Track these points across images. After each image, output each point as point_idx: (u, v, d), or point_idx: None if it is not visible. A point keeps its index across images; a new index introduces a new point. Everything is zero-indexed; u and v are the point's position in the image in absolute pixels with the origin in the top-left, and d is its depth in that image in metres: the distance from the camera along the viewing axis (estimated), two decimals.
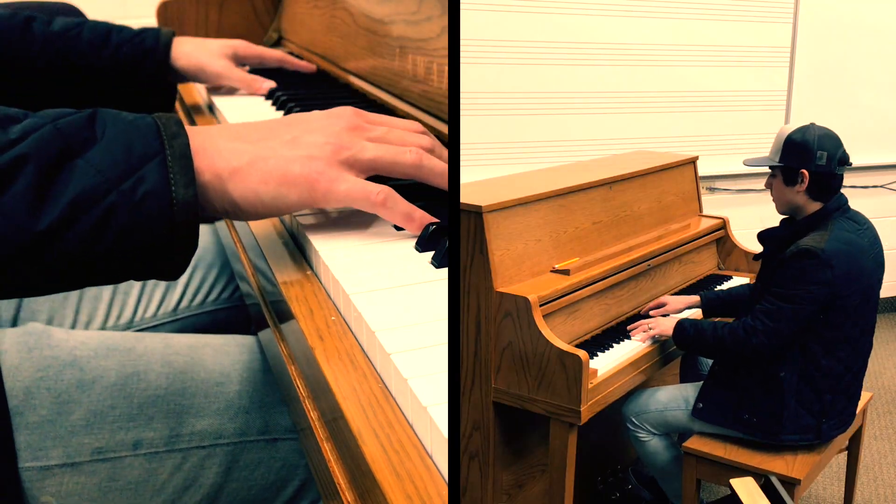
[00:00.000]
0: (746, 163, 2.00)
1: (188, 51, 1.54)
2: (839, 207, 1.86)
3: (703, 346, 1.88)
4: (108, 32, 1.47)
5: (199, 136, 0.83)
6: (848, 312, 1.80)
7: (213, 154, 0.83)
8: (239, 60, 1.66)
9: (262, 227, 1.08)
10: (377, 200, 0.88)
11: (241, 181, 0.84)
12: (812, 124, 1.87)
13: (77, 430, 1.02)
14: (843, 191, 1.90)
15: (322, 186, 0.86)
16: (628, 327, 1.97)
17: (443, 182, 0.94)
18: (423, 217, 0.91)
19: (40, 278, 0.75)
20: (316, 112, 0.96)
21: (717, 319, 2.00)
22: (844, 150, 1.86)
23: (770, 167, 1.90)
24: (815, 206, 1.86)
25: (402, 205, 0.90)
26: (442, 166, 0.94)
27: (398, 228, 0.98)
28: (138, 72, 1.46)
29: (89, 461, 1.02)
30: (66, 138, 0.74)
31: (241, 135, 0.88)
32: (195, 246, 0.79)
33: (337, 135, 0.90)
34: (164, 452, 1.06)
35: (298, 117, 0.94)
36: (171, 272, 0.81)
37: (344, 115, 0.94)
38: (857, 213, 1.91)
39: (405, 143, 0.95)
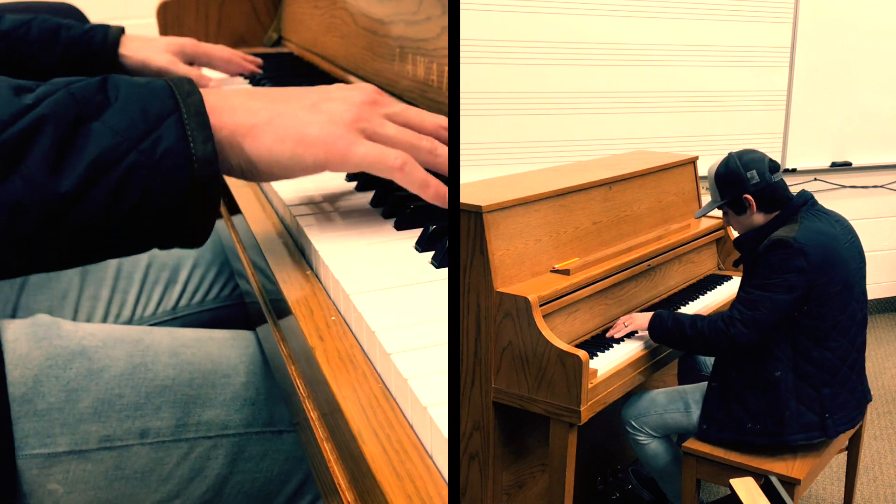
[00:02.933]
0: (696, 215, 2.10)
1: (134, 47, 1.55)
2: (805, 202, 1.89)
3: (681, 338, 1.86)
4: (57, 30, 1.48)
5: (212, 96, 0.84)
6: (830, 301, 1.81)
7: (228, 112, 0.84)
8: (186, 58, 1.66)
9: (261, 227, 1.08)
10: (395, 165, 0.88)
11: (257, 139, 0.85)
12: (729, 153, 1.93)
13: (84, 418, 1.02)
14: (843, 191, 1.91)
15: (339, 150, 0.87)
16: (608, 332, 1.97)
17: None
18: (438, 186, 0.91)
19: (66, 245, 0.75)
20: (336, 84, 0.97)
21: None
22: (770, 159, 1.90)
23: (719, 208, 1.95)
24: (775, 215, 1.89)
25: (418, 171, 0.90)
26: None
27: (398, 228, 0.98)
28: (87, 70, 1.47)
29: (96, 449, 1.02)
30: (81, 103, 0.75)
31: (258, 95, 0.89)
32: (217, 206, 0.80)
33: (357, 105, 0.91)
34: (170, 442, 1.06)
35: (318, 87, 0.95)
36: (194, 236, 0.81)
37: (364, 88, 0.95)
38: (826, 209, 1.94)
39: (423, 122, 0.96)
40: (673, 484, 2.04)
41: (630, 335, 1.96)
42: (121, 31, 1.55)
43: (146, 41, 1.58)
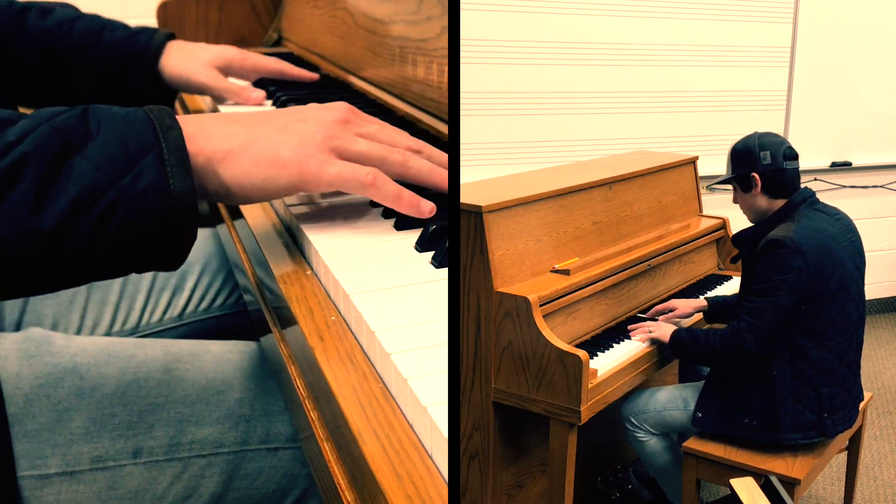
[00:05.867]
0: (709, 185, 2.13)
1: (175, 59, 1.48)
2: (805, 199, 1.90)
3: (697, 353, 1.89)
4: (101, 30, 1.44)
5: (190, 123, 0.85)
6: (828, 299, 1.81)
7: (204, 138, 0.85)
8: (232, 72, 1.58)
9: (261, 227, 1.08)
10: (366, 181, 0.90)
11: (232, 163, 0.85)
12: (754, 132, 1.95)
13: (76, 439, 1.01)
14: (843, 191, 1.92)
15: (312, 169, 0.88)
16: (629, 327, 1.97)
17: (430, 181, 0.96)
18: (411, 197, 0.92)
19: (45, 277, 0.76)
20: (311, 104, 0.98)
21: (714, 326, 2.01)
22: (789, 146, 1.91)
23: (727, 182, 1.97)
24: (779, 204, 1.91)
25: (390, 185, 0.91)
26: (429, 167, 0.96)
27: (398, 228, 0.98)
28: (128, 73, 1.45)
29: (88, 469, 1.01)
30: (63, 137, 0.75)
31: (233, 120, 0.90)
32: (194, 235, 0.80)
33: (329, 125, 0.92)
34: (163, 461, 1.05)
35: (291, 108, 0.96)
36: (171, 262, 0.82)
37: (338, 108, 0.96)
38: (828, 206, 1.94)
39: (394, 142, 0.97)
40: (672, 483, 2.04)
41: (629, 334, 1.96)
42: (166, 37, 1.48)
43: (190, 52, 1.50)
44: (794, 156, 1.91)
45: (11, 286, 0.76)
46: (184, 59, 1.49)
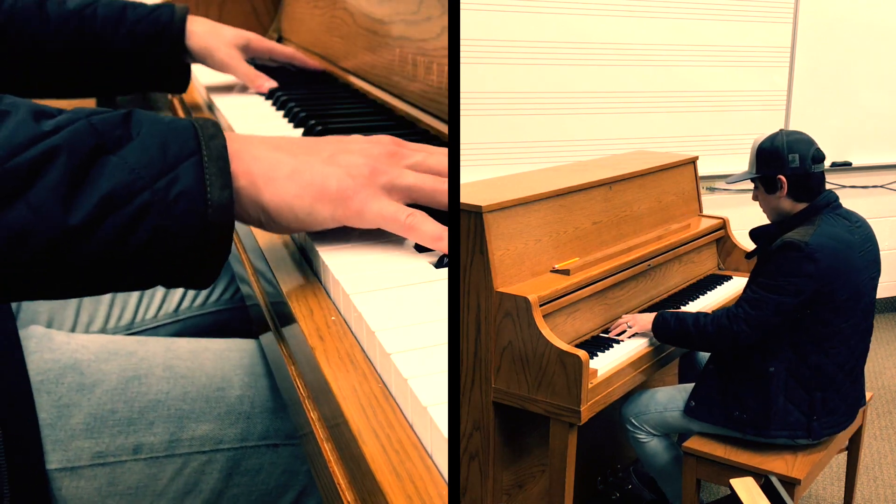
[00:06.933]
0: (728, 181, 2.06)
1: (200, 32, 1.54)
2: (828, 204, 1.88)
3: (685, 337, 1.87)
4: (123, 9, 1.46)
5: (236, 142, 0.83)
6: (837, 308, 1.80)
7: (249, 160, 0.83)
8: (249, 53, 1.67)
9: None
10: (406, 223, 0.88)
11: (276, 191, 0.84)
12: (781, 130, 1.92)
13: (77, 435, 1.01)
14: (843, 191, 1.91)
15: (355, 205, 0.86)
16: (610, 331, 1.97)
17: None
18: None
19: (69, 278, 0.74)
20: (356, 135, 0.97)
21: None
22: (817, 149, 1.89)
23: (751, 180, 1.94)
24: (802, 206, 1.88)
25: (429, 226, 0.89)
26: None
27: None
28: (154, 49, 1.47)
29: (89, 465, 1.02)
30: (101, 134, 0.74)
31: (280, 146, 0.88)
32: (228, 251, 0.79)
33: (376, 158, 0.90)
34: (164, 457, 1.05)
35: (338, 138, 0.95)
36: (202, 279, 0.80)
37: (383, 141, 0.95)
38: (850, 212, 1.93)
39: (443, 167, 0.95)
40: (672, 483, 2.04)
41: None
42: (186, 10, 1.54)
43: (213, 28, 1.58)
44: (822, 158, 1.88)
45: (31, 285, 0.74)
46: (209, 33, 1.56)
